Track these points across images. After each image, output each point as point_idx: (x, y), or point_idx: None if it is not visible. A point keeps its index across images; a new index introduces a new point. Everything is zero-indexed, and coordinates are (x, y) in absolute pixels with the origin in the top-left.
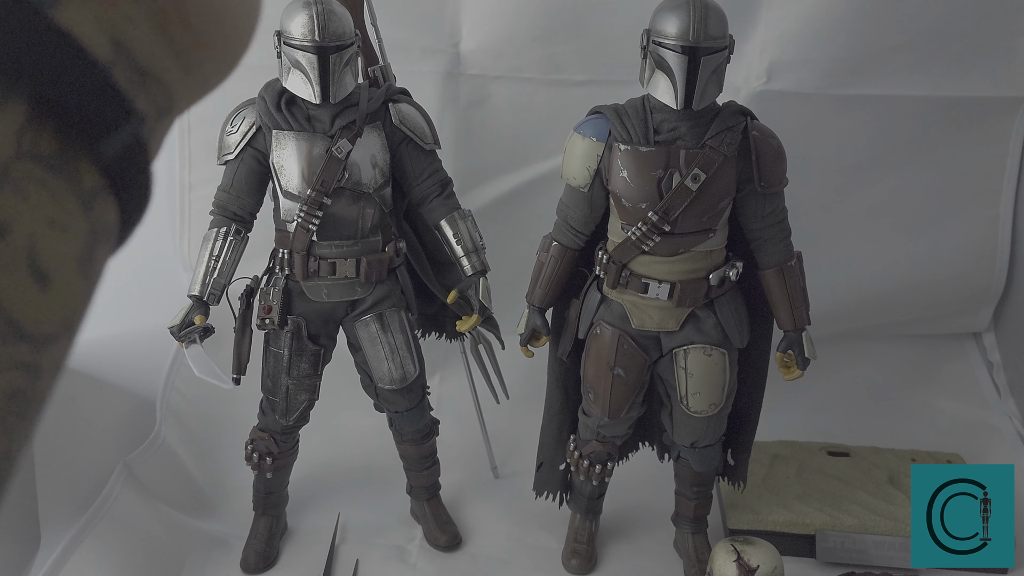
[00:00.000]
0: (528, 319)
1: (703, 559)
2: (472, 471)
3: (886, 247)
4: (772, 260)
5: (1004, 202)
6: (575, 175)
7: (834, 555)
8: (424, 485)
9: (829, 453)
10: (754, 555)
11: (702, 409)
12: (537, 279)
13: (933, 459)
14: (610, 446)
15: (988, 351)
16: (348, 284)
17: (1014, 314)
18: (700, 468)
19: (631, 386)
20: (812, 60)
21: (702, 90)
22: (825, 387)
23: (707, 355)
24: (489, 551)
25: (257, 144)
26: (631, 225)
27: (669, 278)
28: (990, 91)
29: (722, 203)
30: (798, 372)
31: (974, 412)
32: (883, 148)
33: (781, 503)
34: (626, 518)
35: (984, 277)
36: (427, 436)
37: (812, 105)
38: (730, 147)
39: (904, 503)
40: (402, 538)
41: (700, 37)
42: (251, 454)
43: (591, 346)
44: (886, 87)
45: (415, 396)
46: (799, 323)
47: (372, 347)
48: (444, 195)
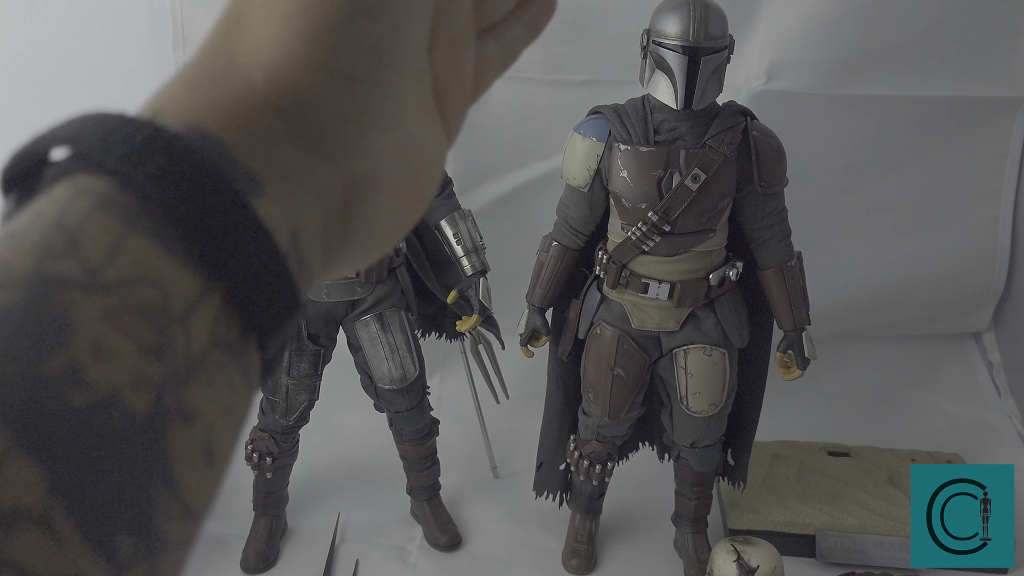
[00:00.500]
0: (528, 319)
1: (703, 559)
2: (472, 471)
3: (886, 247)
4: (772, 260)
5: (1004, 202)
6: (575, 175)
7: (834, 555)
8: (424, 485)
9: (829, 453)
10: (754, 555)
11: (702, 409)
12: (537, 279)
13: (933, 459)
14: (610, 446)
15: (988, 351)
16: (348, 284)
17: (1014, 314)
18: (700, 468)
19: (631, 386)
20: (812, 60)
21: (702, 90)
22: (825, 387)
23: (707, 355)
24: (489, 551)
25: None
26: (631, 225)
27: (669, 278)
28: (990, 91)
29: (722, 203)
30: (798, 372)
31: (974, 412)
32: (883, 148)
33: (781, 503)
34: (626, 518)
35: (984, 277)
36: (427, 436)
37: (812, 105)
38: (730, 147)
39: (904, 503)
40: (402, 538)
41: (700, 37)
42: (251, 454)
43: (591, 346)
44: (886, 87)
45: (415, 396)
46: (799, 323)
47: (372, 347)
48: (444, 195)
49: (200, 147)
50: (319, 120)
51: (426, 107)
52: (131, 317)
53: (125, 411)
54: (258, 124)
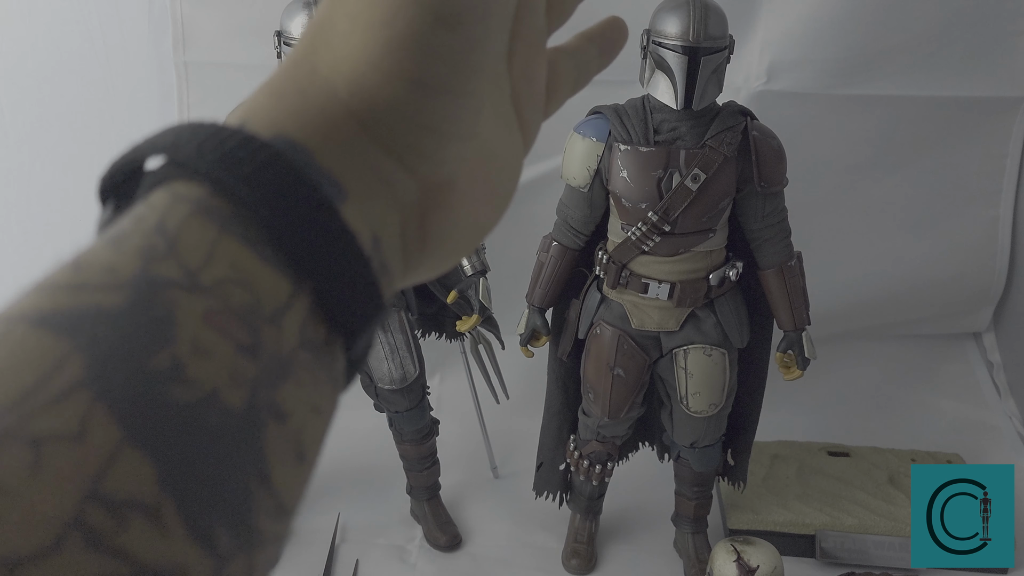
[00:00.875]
0: (528, 319)
1: (703, 559)
2: (472, 471)
3: (886, 247)
4: (772, 260)
5: (1004, 202)
6: (575, 175)
7: (834, 555)
8: (424, 485)
9: (829, 453)
10: (754, 555)
11: (702, 409)
12: (537, 279)
13: (933, 459)
14: (610, 446)
15: (988, 351)
16: None
17: (1014, 314)
18: (700, 468)
19: (631, 386)
20: (812, 60)
21: (702, 90)
22: (825, 387)
23: (707, 355)
24: (489, 551)
25: None
26: (631, 225)
27: (669, 278)
28: (990, 91)
29: (722, 203)
30: (798, 372)
31: (974, 412)
32: (883, 148)
33: (781, 503)
34: (626, 518)
35: (984, 277)
36: (427, 436)
37: (812, 105)
38: (730, 147)
39: (904, 503)
40: (402, 538)
41: (700, 37)
42: None
43: (591, 346)
44: (886, 87)
45: (415, 396)
46: (799, 323)
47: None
48: None
49: (288, 153)
50: (399, 129)
51: (505, 115)
52: (227, 317)
53: (223, 408)
54: (341, 133)
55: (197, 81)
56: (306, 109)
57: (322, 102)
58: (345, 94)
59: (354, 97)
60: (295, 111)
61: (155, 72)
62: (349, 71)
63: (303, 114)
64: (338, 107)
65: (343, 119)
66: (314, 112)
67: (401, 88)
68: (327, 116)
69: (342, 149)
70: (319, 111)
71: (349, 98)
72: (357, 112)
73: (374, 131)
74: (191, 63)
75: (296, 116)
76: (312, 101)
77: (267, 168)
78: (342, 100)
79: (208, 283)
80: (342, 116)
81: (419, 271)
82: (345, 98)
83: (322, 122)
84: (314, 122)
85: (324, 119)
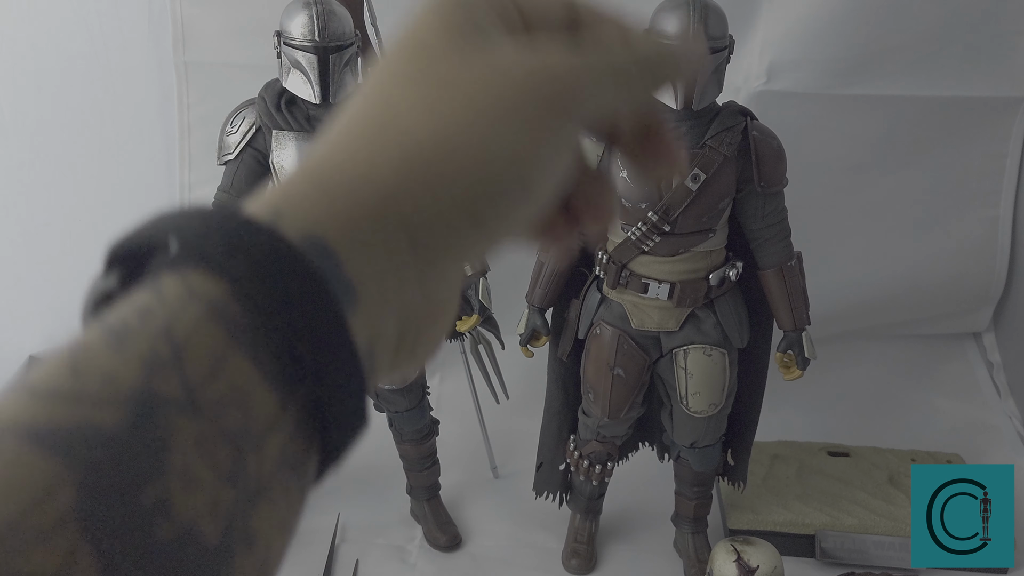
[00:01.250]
0: (528, 319)
1: (703, 559)
2: (472, 471)
3: (886, 247)
4: (772, 260)
5: (1004, 202)
6: None
7: (834, 555)
8: (424, 485)
9: (829, 453)
10: (754, 555)
11: (702, 409)
12: (537, 279)
13: (933, 459)
14: (610, 446)
15: (988, 351)
16: None
17: (1014, 314)
18: (700, 468)
19: (631, 386)
20: (812, 60)
21: (702, 90)
22: (825, 387)
23: (707, 355)
24: (489, 551)
25: (257, 144)
26: (631, 225)
27: (669, 278)
28: (990, 91)
29: (722, 203)
30: (798, 372)
31: (974, 412)
32: (883, 148)
33: (781, 503)
34: (626, 518)
35: (984, 277)
36: (427, 436)
37: (812, 105)
38: (730, 147)
39: (904, 503)
40: (402, 538)
41: (700, 37)
42: None
43: (591, 346)
44: (886, 87)
45: (415, 396)
46: (799, 323)
47: None
48: None
49: (314, 262)
50: (439, 251)
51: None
52: (217, 444)
53: (199, 543)
54: (377, 237)
55: (197, 81)
56: (349, 207)
57: (371, 204)
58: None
59: (411, 207)
60: (335, 211)
61: (155, 72)
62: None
63: (343, 212)
64: (385, 211)
65: (385, 221)
66: (353, 210)
67: (457, 216)
68: (369, 217)
69: (371, 255)
70: (360, 209)
71: (403, 207)
72: (407, 220)
73: (414, 242)
74: (191, 63)
75: (335, 214)
76: (359, 198)
77: (290, 277)
78: (392, 205)
79: (206, 403)
80: (386, 219)
81: (388, 374)
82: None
83: (361, 221)
84: (351, 221)
85: (363, 218)
